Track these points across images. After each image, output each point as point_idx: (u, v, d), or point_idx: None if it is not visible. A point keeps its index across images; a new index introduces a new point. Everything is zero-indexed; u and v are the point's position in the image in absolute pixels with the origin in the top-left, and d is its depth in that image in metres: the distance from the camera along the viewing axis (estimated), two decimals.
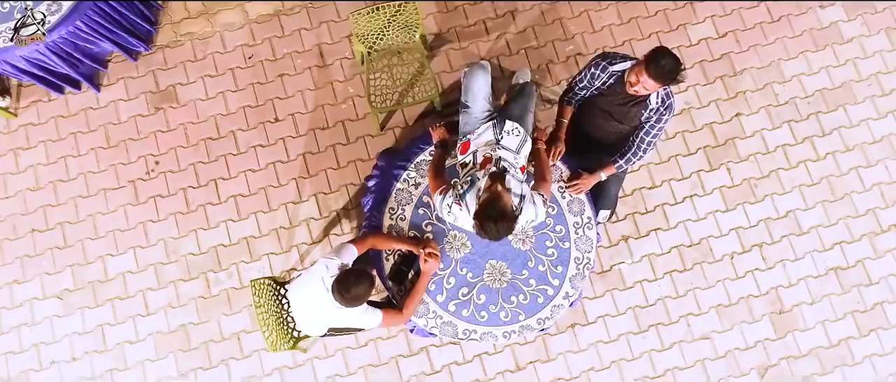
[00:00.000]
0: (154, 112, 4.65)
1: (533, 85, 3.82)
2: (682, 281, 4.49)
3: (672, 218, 4.56)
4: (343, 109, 4.65)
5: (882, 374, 4.39)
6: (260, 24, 4.76)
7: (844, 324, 4.45)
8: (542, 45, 4.76)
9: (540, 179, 3.55)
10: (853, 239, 4.55)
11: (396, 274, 3.71)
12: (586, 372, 4.35)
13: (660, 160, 4.62)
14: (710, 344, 4.41)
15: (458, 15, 4.79)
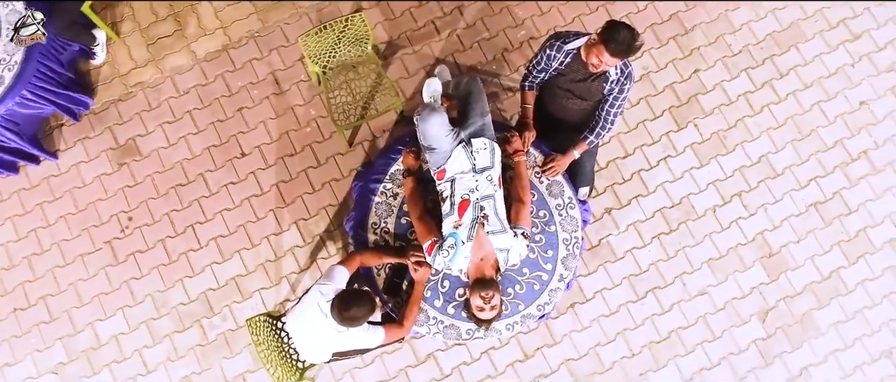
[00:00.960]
0: (118, 168, 4.57)
1: (477, 79, 3.83)
2: (671, 243, 4.53)
3: (650, 183, 4.61)
4: (308, 132, 4.61)
5: (876, 297, 4.48)
6: (209, 62, 4.70)
7: (832, 256, 4.54)
8: (495, 35, 4.76)
9: (518, 201, 3.59)
10: (827, 173, 4.64)
11: (390, 288, 3.69)
12: (593, 349, 4.38)
13: (628, 128, 4.66)
14: (708, 299, 4.46)
15: (406, 20, 4.77)
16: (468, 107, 3.71)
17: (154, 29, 4.75)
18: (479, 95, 3.74)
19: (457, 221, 3.46)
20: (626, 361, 4.37)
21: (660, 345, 4.40)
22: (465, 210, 3.48)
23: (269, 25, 4.75)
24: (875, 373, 4.39)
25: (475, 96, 3.73)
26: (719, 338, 4.41)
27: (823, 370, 4.38)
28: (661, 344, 4.40)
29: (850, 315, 4.46)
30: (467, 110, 3.70)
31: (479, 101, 3.70)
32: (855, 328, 4.45)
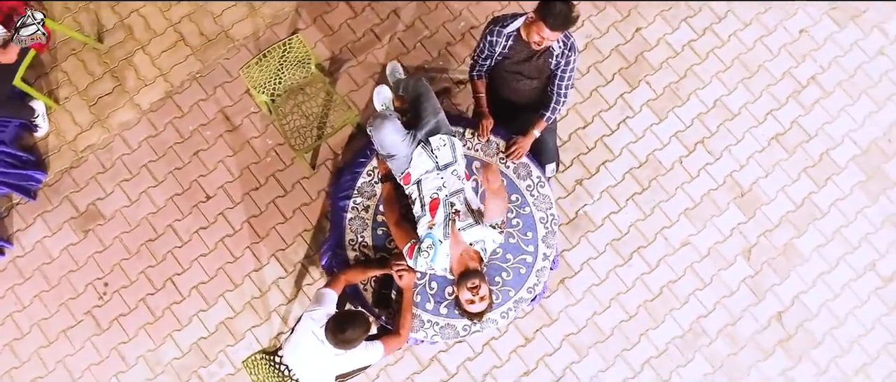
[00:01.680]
0: (84, 236, 4.48)
1: (422, 79, 3.84)
2: (645, 201, 4.58)
3: (614, 147, 4.64)
4: (269, 163, 4.56)
5: (850, 215, 4.57)
6: (156, 112, 4.63)
7: (802, 183, 4.62)
8: (435, 32, 4.76)
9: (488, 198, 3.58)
10: (781, 104, 4.72)
11: (380, 300, 3.67)
12: (591, 319, 4.41)
13: (583, 98, 4.69)
14: (691, 249, 4.52)
15: (345, 33, 4.75)
16: (420, 108, 3.71)
17: (93, 89, 4.66)
18: (428, 94, 3.74)
19: (430, 221, 3.47)
20: (624, 324, 4.41)
21: (654, 302, 4.45)
22: (436, 209, 3.48)
23: (209, 64, 4.69)
24: (862, 288, 4.48)
25: (424, 96, 3.74)
26: (709, 284, 4.47)
27: (813, 295, 4.47)
28: (655, 301, 4.45)
29: (829, 236, 4.55)
30: (419, 111, 3.70)
31: (428, 100, 3.71)
32: (836, 248, 4.54)
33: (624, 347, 4.37)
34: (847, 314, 4.45)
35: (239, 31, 4.74)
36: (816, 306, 4.46)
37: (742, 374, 4.36)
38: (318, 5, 4.78)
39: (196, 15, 4.75)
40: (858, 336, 4.43)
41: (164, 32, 4.73)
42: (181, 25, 4.74)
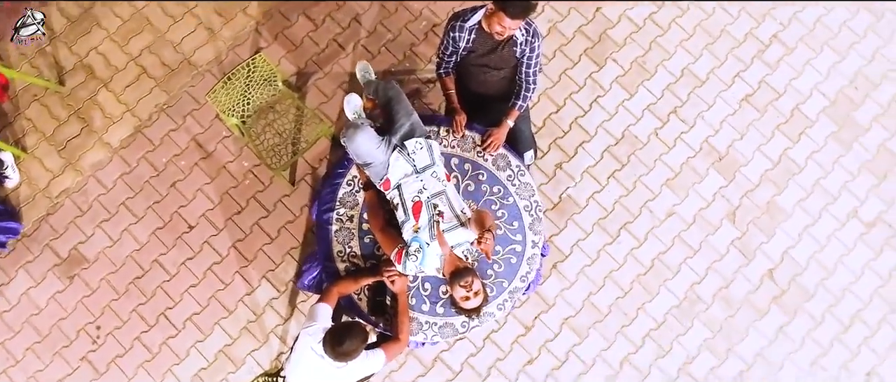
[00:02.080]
0: (69, 282, 4.41)
1: (392, 82, 3.84)
2: (626, 177, 4.60)
3: (589, 127, 4.66)
4: (248, 185, 4.53)
5: (827, 166, 4.63)
6: (127, 148, 4.57)
7: (776, 141, 4.67)
8: (398, 34, 4.75)
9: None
10: (747, 66, 4.76)
11: (375, 308, 3.66)
12: (587, 300, 4.43)
13: (552, 82, 4.71)
14: (677, 218, 4.55)
15: (308, 46, 4.73)
16: (392, 112, 3.70)
17: (60, 133, 4.60)
18: (399, 97, 3.74)
19: (415, 225, 3.47)
20: (620, 301, 4.43)
21: (647, 276, 4.48)
22: (419, 212, 3.48)
23: (175, 93, 4.65)
24: (847, 236, 4.54)
25: (395, 99, 3.73)
26: (699, 251, 4.51)
27: (801, 249, 4.52)
28: (647, 275, 4.48)
29: (809, 189, 4.61)
30: (392, 115, 3.70)
31: (400, 103, 3.71)
32: (817, 200, 4.59)
33: (623, 323, 4.40)
34: (835, 263, 4.51)
35: (201, 56, 4.70)
36: (805, 259, 4.52)
37: (741, 335, 4.41)
38: (278, 21, 4.75)
39: (155, 46, 4.70)
40: (849, 284, 4.49)
41: (125, 67, 4.68)
42: (142, 58, 4.69)
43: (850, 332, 4.44)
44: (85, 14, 4.72)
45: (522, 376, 4.32)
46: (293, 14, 4.76)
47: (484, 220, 3.46)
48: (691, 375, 4.35)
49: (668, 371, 4.35)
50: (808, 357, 4.40)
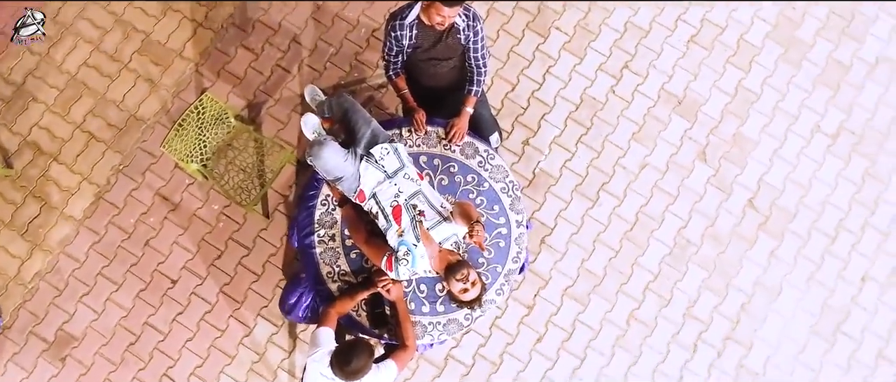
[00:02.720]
0: (62, 365, 4.27)
1: (343, 94, 3.82)
2: (593, 139, 4.62)
3: (547, 99, 4.67)
4: (222, 227, 4.44)
5: (782, 88, 4.71)
6: (91, 217, 4.44)
7: (729, 74, 4.73)
8: (340, 47, 4.70)
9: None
10: (685, 8, 4.81)
11: (376, 320, 3.63)
12: (580, 267, 4.44)
13: (502, 62, 4.71)
14: (650, 170, 4.58)
15: (252, 76, 4.65)
16: (351, 123, 3.68)
17: (19, 217, 4.45)
18: (354, 107, 3.72)
19: (398, 230, 3.45)
20: (613, 261, 4.45)
21: (633, 231, 4.50)
22: (399, 216, 3.46)
23: (128, 152, 4.54)
24: (815, 151, 4.63)
25: (351, 110, 3.71)
26: (678, 196, 4.55)
27: (774, 173, 4.60)
28: (634, 230, 4.51)
29: (770, 114, 4.68)
30: (351, 126, 3.67)
31: (357, 112, 3.68)
32: (780, 123, 4.67)
33: (621, 282, 4.42)
34: (809, 179, 4.60)
35: (147, 109, 4.60)
36: (780, 182, 4.59)
37: (735, 268, 4.46)
38: (217, 58, 4.67)
39: (98, 108, 4.59)
40: (826, 197, 4.58)
41: (71, 137, 4.55)
42: (87, 124, 4.57)
43: (837, 242, 4.53)
44: (18, 91, 4.58)
45: (535, 355, 4.32)
46: (231, 48, 4.69)
47: (469, 213, 3.45)
48: (696, 318, 4.40)
49: (674, 319, 4.39)
50: (803, 275, 4.47)
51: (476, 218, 3.43)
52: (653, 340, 4.36)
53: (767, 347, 4.38)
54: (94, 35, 4.69)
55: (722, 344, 4.37)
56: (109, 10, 4.71)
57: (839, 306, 4.46)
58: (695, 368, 4.33)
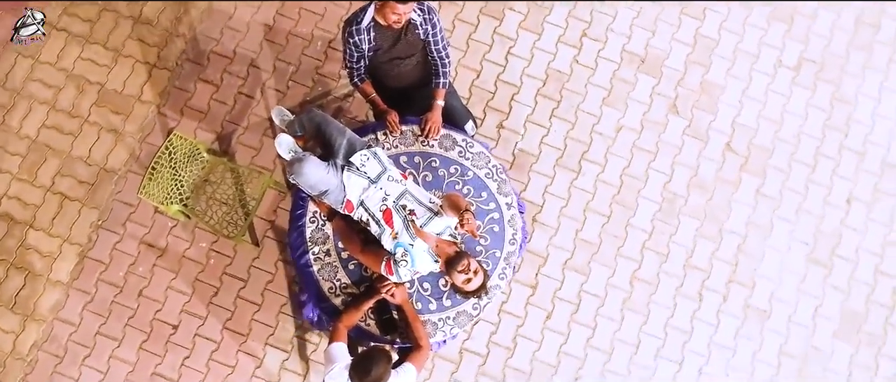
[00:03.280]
0: None
1: (311, 109, 3.80)
2: (565, 112, 4.64)
3: (513, 79, 4.68)
4: (214, 264, 4.37)
5: (738, 30, 4.78)
6: (79, 278, 4.34)
7: (685, 25, 4.79)
8: (299, 63, 4.66)
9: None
10: None
11: (386, 326, 3.60)
12: (575, 238, 4.46)
13: (462, 51, 4.70)
14: (626, 132, 4.62)
15: (216, 108, 4.58)
16: (325, 136, 3.65)
17: (4, 291, 4.33)
18: (325, 120, 3.70)
19: (392, 233, 3.43)
20: (606, 227, 4.48)
21: (621, 194, 4.53)
22: (391, 219, 3.45)
23: (105, 206, 4.44)
24: (780, 86, 4.71)
25: (323, 123, 3.69)
26: (658, 152, 4.59)
27: (746, 113, 4.67)
28: (621, 193, 4.53)
29: (732, 57, 4.74)
30: (326, 139, 3.64)
31: (329, 124, 3.66)
32: (742, 64, 4.74)
33: (617, 246, 4.45)
34: (781, 113, 4.67)
35: (115, 160, 4.51)
36: (753, 121, 4.66)
37: (725, 213, 4.52)
38: (177, 97, 4.60)
39: (65, 168, 4.49)
40: (799, 128, 4.66)
41: (43, 201, 4.45)
42: (56, 185, 4.47)
43: (818, 170, 4.61)
44: None
45: (546, 333, 4.32)
46: (189, 84, 4.62)
47: (457, 202, 3.44)
48: (696, 267, 4.44)
49: (675, 273, 4.43)
50: (790, 207, 4.55)
51: (464, 207, 3.42)
52: (658, 297, 4.39)
53: (769, 283, 4.44)
54: (48, 95, 4.60)
55: (725, 289, 4.42)
56: (58, 68, 4.61)
57: (830, 231, 4.54)
58: (704, 316, 4.38)
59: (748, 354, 4.34)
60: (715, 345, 4.35)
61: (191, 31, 4.72)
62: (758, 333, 4.38)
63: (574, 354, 4.31)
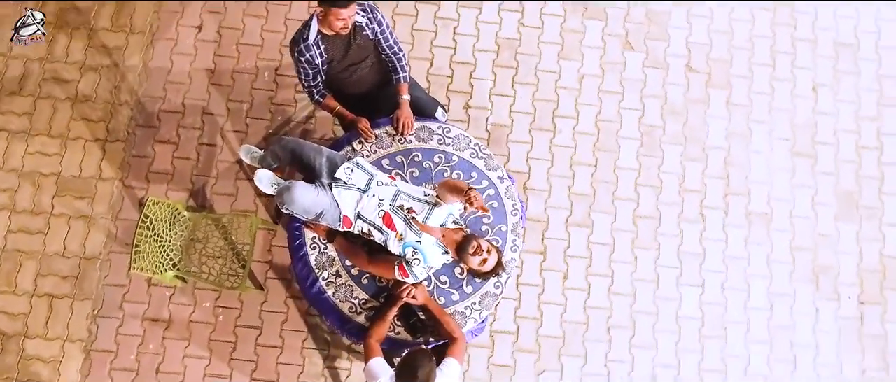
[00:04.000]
0: None
1: (280, 139, 3.75)
2: (525, 76, 4.65)
3: (466, 58, 4.67)
4: (223, 321, 4.24)
5: None
6: (90, 374, 4.15)
7: None
8: (252, 99, 4.56)
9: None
10: None
11: (415, 330, 3.54)
12: (569, 196, 4.47)
13: (410, 43, 4.68)
14: (589, 80, 4.65)
15: (181, 166, 4.45)
16: (303, 160, 3.58)
17: None
18: (299, 144, 3.63)
19: (397, 235, 3.38)
20: (596, 175, 4.50)
21: (600, 141, 4.57)
22: (391, 222, 3.39)
23: (96, 294, 4.25)
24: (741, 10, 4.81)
25: (296, 148, 3.62)
26: (624, 90, 4.65)
27: (696, 33, 4.77)
28: (600, 139, 4.57)
29: None
30: (305, 162, 3.57)
31: (303, 147, 3.60)
32: None
33: (611, 191, 4.48)
34: (729, 23, 4.78)
35: (93, 246, 4.34)
36: (706, 36, 4.74)
37: (702, 131, 4.59)
38: (139, 164, 4.44)
39: (44, 267, 4.30)
40: (750, 32, 4.78)
41: (30, 307, 4.25)
42: (40, 288, 4.28)
43: (778, 67, 4.72)
44: None
45: (568, 293, 4.32)
46: (147, 148, 4.48)
47: (456, 185, 3.39)
48: (691, 190, 4.50)
49: (673, 201, 4.48)
50: (762, 108, 4.65)
51: (466, 187, 3.38)
52: (664, 228, 4.43)
53: (763, 186, 4.52)
54: (4, 199, 4.40)
55: (724, 203, 4.48)
56: (7, 169, 4.43)
57: (805, 121, 4.64)
58: (711, 235, 4.43)
59: (762, 259, 4.41)
60: (729, 259, 4.40)
61: (133, 96, 4.58)
62: (766, 236, 4.45)
63: (600, 306, 4.32)
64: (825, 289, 4.40)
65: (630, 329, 4.29)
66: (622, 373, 4.23)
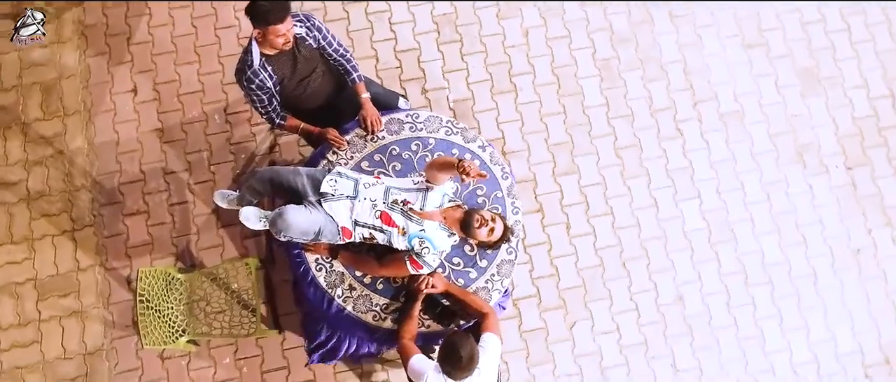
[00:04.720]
0: None
1: (253, 174, 3.65)
2: (471, 46, 4.63)
3: (409, 44, 4.63)
4: (248, 371, 4.12)
5: None
6: None
7: None
8: (210, 146, 4.44)
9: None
10: None
11: (444, 318, 3.50)
12: (549, 149, 4.48)
13: (351, 44, 4.61)
14: (534, 33, 4.64)
15: (158, 231, 4.32)
16: (285, 185, 3.48)
17: None
18: (274, 172, 3.53)
19: (399, 230, 3.32)
20: (567, 121, 4.51)
21: (562, 87, 4.56)
22: (390, 219, 3.34)
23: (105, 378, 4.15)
24: None
25: (275, 177, 3.52)
26: (570, 33, 4.65)
27: None
28: (562, 86, 4.56)
29: None
30: (287, 188, 3.48)
31: (280, 174, 3.50)
32: None
33: (587, 131, 4.52)
34: None
35: (93, 340, 4.17)
36: None
37: (655, 50, 4.65)
38: (115, 244, 4.29)
39: (49, 376, 4.11)
40: None
41: None
42: None
43: None
44: None
45: (575, 241, 4.33)
46: (118, 226, 4.32)
47: (443, 162, 3.33)
48: (660, 109, 4.56)
49: (647, 125, 4.51)
50: (705, 13, 4.70)
51: (455, 160, 3.33)
52: (647, 153, 4.47)
53: (727, 85, 4.59)
54: None
55: (696, 111, 4.54)
56: None
57: (747, 14, 4.76)
58: (693, 146, 4.49)
59: (747, 154, 4.48)
60: (716, 163, 4.46)
61: (87, 178, 4.40)
62: (743, 132, 4.52)
63: (609, 244, 4.33)
64: (812, 166, 4.49)
65: (644, 257, 4.32)
66: (649, 301, 4.26)
